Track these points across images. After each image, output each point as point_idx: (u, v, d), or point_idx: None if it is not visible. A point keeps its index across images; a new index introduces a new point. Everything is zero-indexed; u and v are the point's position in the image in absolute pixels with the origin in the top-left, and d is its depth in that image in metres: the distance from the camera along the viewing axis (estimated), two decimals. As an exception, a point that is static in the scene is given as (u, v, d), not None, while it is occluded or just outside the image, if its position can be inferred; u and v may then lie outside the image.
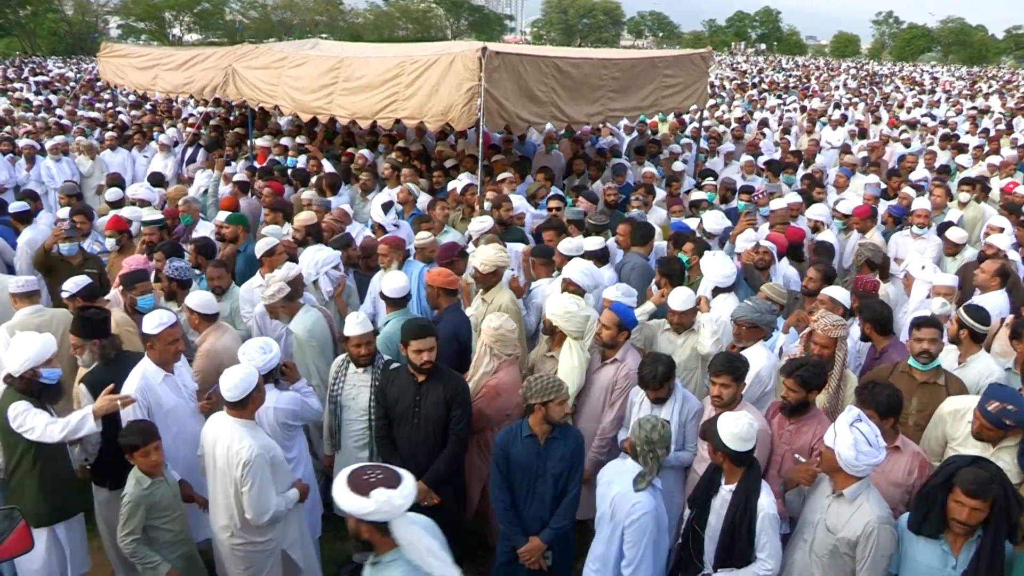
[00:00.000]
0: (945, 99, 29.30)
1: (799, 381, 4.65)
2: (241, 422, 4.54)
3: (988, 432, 4.48)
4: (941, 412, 4.89)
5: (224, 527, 4.67)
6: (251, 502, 4.46)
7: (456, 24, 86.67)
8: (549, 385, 4.51)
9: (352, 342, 5.33)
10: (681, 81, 12.23)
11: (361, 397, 5.41)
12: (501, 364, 5.33)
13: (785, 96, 28.77)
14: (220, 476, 4.58)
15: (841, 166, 12.12)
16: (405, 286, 6.10)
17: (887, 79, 46.98)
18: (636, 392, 5.23)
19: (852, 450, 3.87)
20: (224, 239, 8.03)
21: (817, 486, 4.29)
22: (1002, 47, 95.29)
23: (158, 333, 5.07)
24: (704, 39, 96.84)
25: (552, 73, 9.44)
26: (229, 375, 4.49)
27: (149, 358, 5.15)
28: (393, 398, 5.12)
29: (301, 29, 72.50)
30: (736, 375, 4.77)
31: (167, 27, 71.33)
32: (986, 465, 3.80)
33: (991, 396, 4.50)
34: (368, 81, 9.46)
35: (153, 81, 13.08)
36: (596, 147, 13.67)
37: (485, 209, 8.80)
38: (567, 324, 5.37)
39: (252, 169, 11.17)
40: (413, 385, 5.06)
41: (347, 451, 5.53)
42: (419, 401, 5.03)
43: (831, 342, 5.23)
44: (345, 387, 5.44)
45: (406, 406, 5.06)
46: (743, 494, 4.19)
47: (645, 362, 5.01)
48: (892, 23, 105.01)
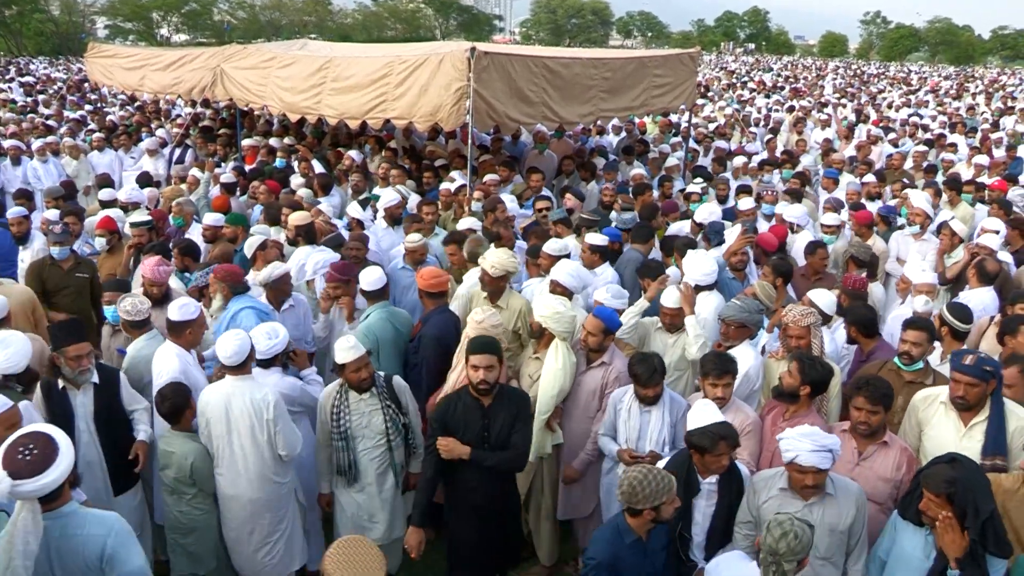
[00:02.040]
0: (933, 99, 29.42)
1: (800, 368, 4.76)
2: (246, 378, 4.94)
3: (973, 391, 4.53)
4: (913, 402, 4.95)
5: (252, 480, 4.95)
6: (285, 438, 4.94)
7: (445, 24, 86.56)
8: (661, 486, 3.80)
9: (349, 369, 4.99)
10: (670, 81, 12.25)
11: (375, 422, 5.13)
12: None
13: (773, 96, 28.82)
14: (245, 432, 4.87)
15: (827, 167, 12.15)
16: (381, 278, 6.09)
17: (875, 79, 47.21)
18: (622, 396, 5.14)
19: (814, 457, 3.92)
20: (211, 241, 8.01)
21: (779, 505, 4.15)
22: (988, 47, 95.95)
23: (196, 319, 5.38)
24: (693, 39, 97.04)
25: (542, 73, 9.45)
26: (225, 343, 4.84)
27: (177, 343, 5.34)
28: (457, 426, 4.68)
29: (290, 29, 72.26)
30: (735, 374, 4.84)
31: (155, 27, 71.02)
32: (957, 466, 3.79)
33: (962, 354, 4.63)
34: (357, 81, 9.45)
35: (141, 82, 13.05)
36: (586, 147, 13.66)
37: (475, 210, 8.79)
38: (556, 325, 5.35)
39: (240, 170, 11.13)
40: (479, 409, 4.69)
41: (367, 480, 5.22)
42: (488, 425, 4.68)
43: (804, 331, 5.31)
44: (352, 416, 5.09)
45: (475, 433, 4.67)
46: (727, 476, 4.26)
47: (636, 361, 4.96)
48: (880, 23, 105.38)
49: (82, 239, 8.36)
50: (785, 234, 8.11)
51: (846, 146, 15.32)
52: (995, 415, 4.54)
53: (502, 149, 12.67)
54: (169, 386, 4.95)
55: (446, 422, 4.70)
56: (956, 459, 3.84)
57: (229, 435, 4.89)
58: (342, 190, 10.67)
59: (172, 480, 4.87)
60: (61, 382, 4.88)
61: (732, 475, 4.32)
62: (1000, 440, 4.51)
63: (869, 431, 4.49)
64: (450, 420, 4.70)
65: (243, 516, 5.02)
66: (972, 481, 3.74)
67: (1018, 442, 4.51)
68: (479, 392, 4.62)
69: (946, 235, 8.04)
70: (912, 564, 3.91)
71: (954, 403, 4.64)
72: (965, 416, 4.63)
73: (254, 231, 7.82)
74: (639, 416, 5.01)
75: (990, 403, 4.58)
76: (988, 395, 4.57)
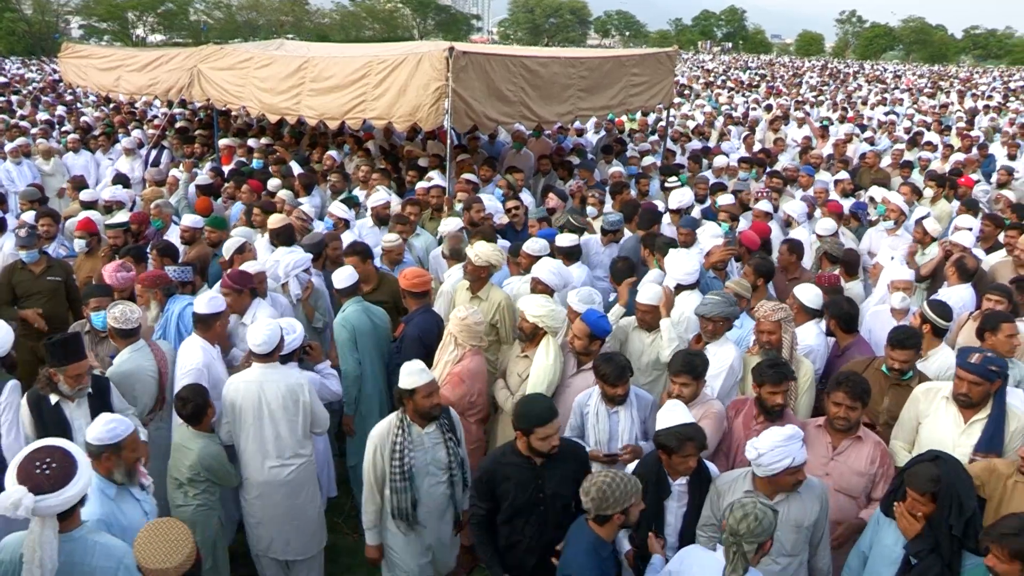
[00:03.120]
0: (908, 97, 29.72)
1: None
2: (275, 366, 5.08)
3: (977, 389, 4.55)
4: (915, 394, 4.97)
5: (286, 462, 5.09)
6: (319, 416, 5.19)
7: (423, 24, 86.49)
8: (629, 489, 3.75)
9: (420, 394, 4.53)
10: (648, 80, 12.31)
11: (439, 456, 4.71)
12: (465, 353, 5.33)
13: (750, 94, 29.02)
14: (280, 417, 5.02)
15: (804, 164, 12.25)
16: (351, 275, 6.13)
17: (851, 77, 47.61)
18: (587, 399, 5.06)
19: (803, 453, 3.94)
20: (189, 242, 7.97)
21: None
22: (961, 46, 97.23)
23: (223, 312, 5.50)
24: (670, 38, 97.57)
25: (520, 72, 9.47)
26: (256, 333, 4.97)
27: (204, 337, 5.44)
28: (507, 490, 4.36)
29: (267, 29, 71.84)
30: (695, 374, 4.78)
31: (130, 28, 70.37)
32: (940, 463, 3.82)
33: (968, 351, 4.63)
34: (336, 82, 9.44)
35: (116, 82, 12.95)
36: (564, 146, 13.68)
37: (456, 210, 8.79)
38: (552, 323, 5.37)
39: (217, 171, 11.07)
40: (530, 470, 4.35)
41: (428, 521, 4.81)
42: (541, 486, 4.35)
43: (776, 326, 5.31)
44: (416, 453, 4.63)
45: (527, 497, 4.35)
46: (696, 477, 4.27)
47: (602, 360, 4.89)
48: (855, 22, 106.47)
49: (58, 241, 8.27)
50: (767, 232, 8.14)
51: (823, 144, 15.46)
52: (996, 414, 4.58)
53: (480, 148, 12.67)
54: (187, 388, 4.95)
55: (493, 486, 4.41)
56: (939, 456, 3.87)
57: (260, 421, 4.99)
58: (322, 190, 10.65)
59: (186, 476, 4.86)
60: (54, 397, 4.78)
61: (701, 476, 4.32)
62: (996, 438, 4.56)
63: (847, 426, 4.52)
64: (497, 483, 4.40)
65: (277, 498, 5.10)
66: (955, 479, 3.77)
67: (1016, 443, 4.54)
68: (541, 455, 4.31)
69: (919, 232, 8.15)
70: (891, 557, 3.96)
71: (957, 399, 4.67)
72: (966, 412, 4.67)
73: (234, 233, 7.77)
74: (607, 418, 4.94)
75: (993, 402, 4.61)
76: (992, 394, 4.60)
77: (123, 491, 3.97)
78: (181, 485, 4.91)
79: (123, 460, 3.92)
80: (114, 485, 3.93)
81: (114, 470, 3.91)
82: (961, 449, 4.48)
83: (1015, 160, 14.06)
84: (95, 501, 3.78)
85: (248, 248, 7.07)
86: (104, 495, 3.88)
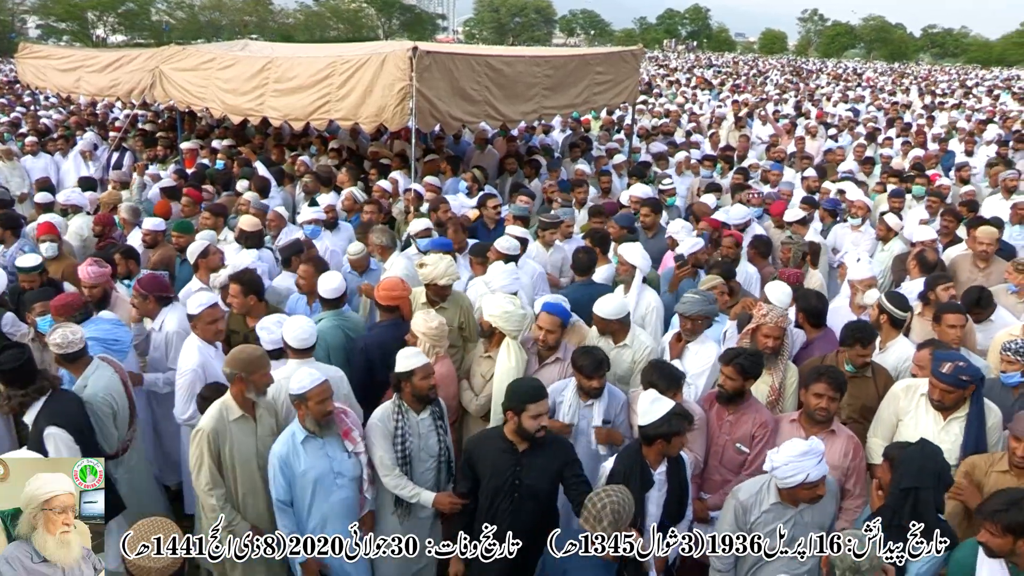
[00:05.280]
0: (870, 94, 30.13)
1: (738, 368, 4.74)
2: (310, 361, 5.07)
3: (948, 396, 4.65)
4: (894, 391, 5.06)
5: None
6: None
7: (388, 24, 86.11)
8: (629, 498, 3.79)
9: (418, 376, 4.60)
10: (612, 79, 12.38)
11: (431, 443, 4.76)
12: (437, 358, 5.32)
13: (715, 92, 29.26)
14: None
15: (772, 162, 12.38)
16: (340, 287, 5.93)
17: (814, 74, 48.17)
18: (562, 389, 5.13)
19: (820, 468, 3.96)
20: (151, 246, 7.88)
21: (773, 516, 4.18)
22: (920, 44, 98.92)
23: (199, 313, 5.41)
24: (635, 36, 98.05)
25: (485, 72, 9.48)
26: (293, 328, 5.04)
27: (201, 336, 5.45)
28: (485, 471, 4.48)
29: (230, 30, 71.14)
30: (667, 385, 4.67)
31: (90, 28, 69.30)
32: (918, 444, 4.00)
33: (941, 359, 4.71)
34: (300, 82, 9.38)
35: (76, 84, 12.76)
36: (529, 145, 13.70)
37: (422, 212, 8.76)
38: (506, 324, 5.37)
39: (181, 173, 10.95)
40: (511, 455, 4.43)
41: (419, 509, 4.85)
42: (519, 472, 4.41)
43: (782, 332, 5.33)
44: (412, 438, 4.70)
45: (503, 480, 4.42)
46: (673, 463, 4.35)
47: (579, 353, 4.98)
48: (817, 20, 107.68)
49: (17, 246, 8.10)
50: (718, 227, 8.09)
51: (788, 141, 15.66)
52: (974, 415, 4.66)
53: (445, 148, 12.65)
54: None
55: (473, 465, 4.53)
56: (923, 441, 4.07)
57: None
58: (286, 191, 10.56)
59: None
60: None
61: (677, 460, 4.38)
62: (980, 437, 4.67)
63: (827, 417, 4.61)
64: (477, 463, 4.51)
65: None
66: (918, 457, 3.91)
67: (995, 437, 4.71)
68: (527, 439, 4.39)
69: (881, 228, 8.30)
70: None
71: (931, 402, 4.78)
72: (944, 411, 4.77)
73: (199, 237, 7.70)
74: (579, 411, 5.03)
75: (969, 403, 4.70)
76: (967, 397, 4.70)
77: (312, 440, 4.47)
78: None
79: (310, 411, 4.38)
80: (304, 431, 4.45)
81: (304, 418, 4.44)
82: (941, 445, 4.55)
83: (972, 156, 14.36)
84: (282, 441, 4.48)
85: (212, 251, 7.01)
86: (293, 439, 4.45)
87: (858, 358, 5.27)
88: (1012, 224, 8.83)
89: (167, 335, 5.89)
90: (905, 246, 8.17)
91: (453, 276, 6.11)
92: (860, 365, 5.29)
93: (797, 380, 5.40)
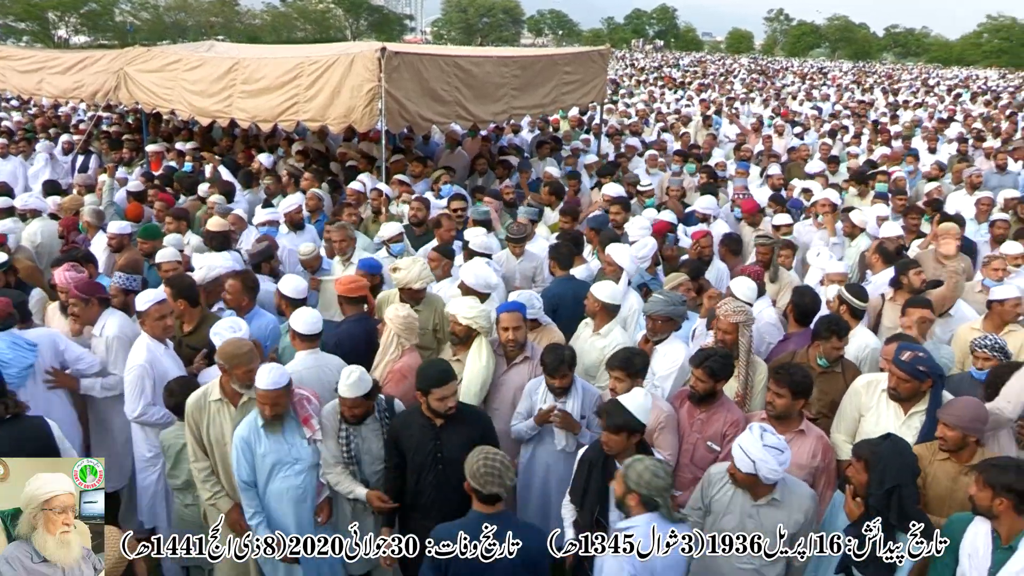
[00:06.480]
0: (834, 93, 30.52)
1: (708, 371, 4.74)
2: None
3: (905, 386, 4.71)
4: (855, 386, 5.09)
5: None
6: None
7: (356, 25, 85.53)
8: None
9: (346, 404, 4.71)
10: (580, 78, 12.45)
11: (374, 447, 4.88)
12: (405, 351, 5.37)
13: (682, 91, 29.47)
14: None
15: (739, 160, 12.51)
16: (316, 322, 5.33)
17: (780, 73, 48.67)
18: (537, 386, 5.20)
19: (775, 466, 3.93)
20: (117, 250, 7.79)
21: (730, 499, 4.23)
22: (883, 44, 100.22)
23: (146, 309, 5.40)
24: (603, 36, 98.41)
25: (454, 72, 9.50)
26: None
27: (149, 333, 5.44)
28: (409, 447, 4.66)
29: (196, 31, 70.25)
30: (629, 371, 4.82)
31: (52, 28, 68.18)
32: (887, 440, 4.06)
33: (902, 348, 4.78)
34: (267, 84, 9.34)
35: (39, 85, 12.59)
36: (501, 145, 13.72)
37: (393, 214, 8.75)
38: (484, 322, 5.41)
39: (147, 175, 10.84)
40: (430, 430, 4.63)
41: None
42: (439, 446, 4.62)
43: (732, 327, 5.28)
44: (355, 439, 4.85)
45: (425, 454, 4.63)
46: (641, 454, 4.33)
47: (545, 351, 5.02)
48: (783, 20, 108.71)
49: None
50: (666, 227, 8.00)
51: (755, 140, 15.82)
52: (933, 409, 4.68)
53: (414, 149, 12.63)
54: (176, 382, 5.09)
55: (398, 444, 4.69)
56: (890, 436, 4.13)
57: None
58: (253, 193, 10.48)
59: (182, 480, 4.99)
60: None
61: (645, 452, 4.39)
62: (933, 433, 4.66)
63: (774, 413, 4.62)
64: (402, 442, 4.69)
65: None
66: (893, 455, 3.96)
67: None
68: (440, 416, 4.58)
69: (847, 225, 8.43)
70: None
71: (888, 393, 4.84)
72: (905, 405, 4.82)
73: (166, 241, 7.63)
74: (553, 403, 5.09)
75: (929, 398, 4.75)
76: (924, 392, 4.75)
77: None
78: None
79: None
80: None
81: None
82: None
83: (935, 153, 14.61)
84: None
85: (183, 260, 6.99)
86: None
87: (833, 351, 5.33)
88: (979, 222, 9.03)
89: (107, 340, 5.76)
90: (871, 242, 8.31)
91: (427, 279, 6.13)
92: (834, 359, 5.36)
93: (766, 378, 5.39)
